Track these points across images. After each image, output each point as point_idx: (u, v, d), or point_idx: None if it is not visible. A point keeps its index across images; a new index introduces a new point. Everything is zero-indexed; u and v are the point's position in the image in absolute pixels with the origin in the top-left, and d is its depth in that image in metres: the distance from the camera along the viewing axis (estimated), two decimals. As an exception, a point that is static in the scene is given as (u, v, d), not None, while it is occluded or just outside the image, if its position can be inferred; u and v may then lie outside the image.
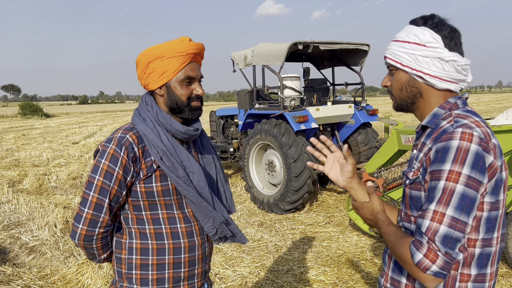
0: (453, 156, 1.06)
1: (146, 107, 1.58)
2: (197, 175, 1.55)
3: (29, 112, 34.86)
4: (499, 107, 27.64)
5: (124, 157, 1.47)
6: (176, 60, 1.51)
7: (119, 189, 1.49)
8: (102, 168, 1.47)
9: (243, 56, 6.61)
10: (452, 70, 1.20)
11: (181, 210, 1.60)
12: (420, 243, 1.08)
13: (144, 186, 1.52)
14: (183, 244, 1.59)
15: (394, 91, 1.30)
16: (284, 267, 4.21)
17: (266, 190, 6.43)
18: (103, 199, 1.48)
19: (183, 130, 1.56)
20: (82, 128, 21.68)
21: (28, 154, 12.25)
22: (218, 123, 8.38)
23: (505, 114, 4.43)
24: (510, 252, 3.71)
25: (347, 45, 6.39)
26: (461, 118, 1.15)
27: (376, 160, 4.76)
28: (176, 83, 1.54)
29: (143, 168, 1.51)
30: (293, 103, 6.08)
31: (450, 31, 1.21)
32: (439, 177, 1.08)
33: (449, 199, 1.06)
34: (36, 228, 5.55)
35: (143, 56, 1.56)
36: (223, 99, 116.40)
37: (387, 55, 1.28)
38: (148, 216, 1.56)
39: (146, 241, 1.56)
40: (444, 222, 1.05)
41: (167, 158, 1.50)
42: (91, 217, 1.48)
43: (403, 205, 1.31)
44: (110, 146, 1.48)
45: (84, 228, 1.49)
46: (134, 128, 1.54)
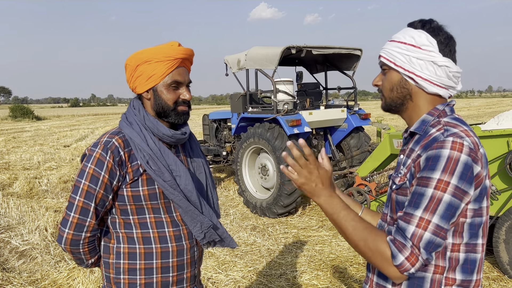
0: (443, 165, 1.08)
1: (133, 111, 1.59)
2: (184, 178, 1.55)
3: (19, 115, 34.54)
4: (489, 112, 27.94)
5: (110, 161, 1.47)
6: (163, 64, 1.52)
7: (105, 193, 1.49)
8: (88, 172, 1.47)
9: (236, 60, 6.61)
10: (443, 75, 1.21)
11: (169, 214, 1.59)
12: (403, 245, 1.09)
13: (130, 190, 1.52)
14: (171, 248, 1.58)
15: (385, 91, 1.30)
16: (277, 271, 4.21)
17: (259, 194, 6.43)
18: (89, 203, 1.48)
19: (170, 134, 1.56)
20: (73, 131, 21.52)
21: (19, 157, 12.13)
22: (211, 126, 8.37)
23: (496, 119, 4.48)
24: (502, 256, 3.74)
25: (340, 49, 6.43)
26: (450, 126, 1.16)
27: (369, 164, 4.79)
28: (163, 87, 1.55)
29: (129, 172, 1.51)
30: (286, 107, 6.09)
31: (446, 37, 1.22)
32: (427, 184, 1.09)
33: (436, 207, 1.08)
34: (26, 232, 5.49)
35: (132, 60, 1.56)
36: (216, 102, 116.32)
37: (382, 54, 1.29)
38: (136, 220, 1.56)
39: (134, 246, 1.56)
40: (429, 230, 1.08)
41: (153, 162, 1.50)
42: (77, 221, 1.48)
43: (388, 209, 1.31)
44: (96, 150, 1.48)
45: (70, 233, 1.49)
46: (120, 132, 1.55)
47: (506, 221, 3.66)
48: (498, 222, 3.72)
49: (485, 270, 4.00)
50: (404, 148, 1.31)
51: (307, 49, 6.05)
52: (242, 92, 6.71)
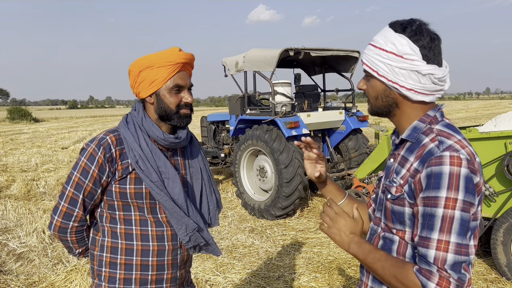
0: (447, 183, 1.07)
1: (134, 112, 1.66)
2: (172, 181, 1.60)
3: (17, 117, 34.48)
4: (487, 114, 28.01)
5: (100, 156, 1.54)
6: (165, 69, 1.58)
7: (93, 187, 1.56)
8: (80, 165, 1.56)
9: (235, 62, 6.62)
10: (428, 83, 1.18)
11: (153, 215, 1.64)
12: (429, 272, 1.07)
13: (118, 187, 1.58)
14: (151, 247, 1.63)
15: (370, 98, 1.29)
16: (275, 274, 4.20)
17: (257, 196, 6.42)
18: (77, 195, 1.56)
19: (162, 137, 1.62)
20: (71, 133, 21.49)
21: (16, 159, 12.10)
22: (209, 128, 8.37)
23: (493, 121, 4.49)
24: (499, 258, 3.74)
25: (338, 51, 6.44)
26: (444, 137, 1.15)
27: (367, 166, 4.79)
28: (165, 92, 1.60)
29: (119, 169, 1.57)
30: (284, 109, 6.10)
31: (429, 40, 1.17)
32: (436, 204, 1.08)
33: (450, 226, 1.07)
34: (24, 235, 5.47)
35: (134, 66, 1.62)
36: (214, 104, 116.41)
37: (365, 61, 1.26)
38: (121, 216, 1.62)
39: (116, 240, 1.62)
40: (450, 250, 1.06)
41: (143, 162, 1.56)
42: (66, 210, 1.58)
43: (381, 214, 1.31)
44: (91, 146, 1.56)
45: (59, 220, 1.58)
46: (116, 131, 1.62)
47: (504, 223, 3.67)
48: (496, 224, 3.73)
49: (483, 272, 4.01)
50: (395, 153, 1.30)
51: (305, 51, 6.06)
52: (240, 94, 6.72)
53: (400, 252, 1.23)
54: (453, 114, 29.50)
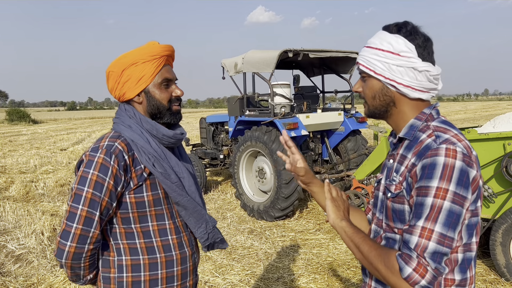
0: (440, 173, 1.08)
1: (128, 114, 1.52)
2: (187, 180, 1.54)
3: (16, 118, 34.43)
4: (485, 115, 28.05)
5: (114, 166, 1.40)
6: (151, 64, 1.49)
7: (109, 201, 1.41)
8: (91, 179, 1.39)
9: (234, 63, 6.62)
10: (424, 80, 1.20)
11: (172, 220, 1.55)
12: (409, 257, 1.08)
13: (134, 197, 1.45)
14: (175, 256, 1.54)
15: (367, 99, 1.30)
16: (274, 275, 4.20)
17: (256, 197, 6.42)
18: (93, 212, 1.39)
19: (171, 134, 1.53)
20: (70, 135, 21.47)
21: (15, 160, 12.08)
22: (208, 129, 8.37)
23: (492, 122, 4.50)
24: (498, 259, 3.75)
25: (337, 53, 6.45)
26: (441, 132, 1.16)
27: (366, 167, 4.79)
28: (155, 88, 1.51)
29: (134, 177, 1.45)
30: (283, 110, 6.10)
31: (423, 40, 1.21)
32: (427, 193, 1.09)
33: (437, 215, 1.07)
34: (22, 236, 5.47)
35: (115, 66, 1.51)
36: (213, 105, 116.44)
37: (360, 62, 1.27)
38: (138, 229, 1.49)
39: (137, 257, 1.49)
40: (432, 239, 1.07)
41: (159, 164, 1.46)
42: (81, 233, 1.39)
43: (382, 215, 1.31)
44: (98, 155, 1.40)
45: (73, 245, 1.39)
46: (121, 136, 1.48)
47: (503, 223, 3.67)
48: (495, 225, 3.73)
49: (482, 273, 4.01)
50: (393, 153, 1.31)
51: (304, 52, 6.07)
52: (239, 96, 6.72)
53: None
54: (452, 115, 29.54)
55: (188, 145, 8.74)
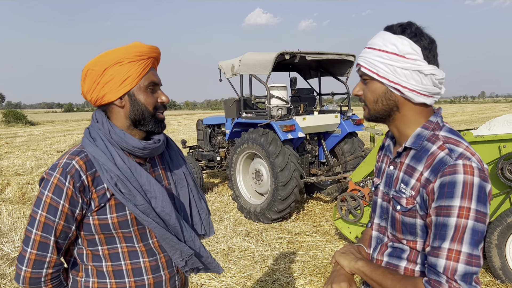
0: (461, 192, 1.04)
1: (97, 125, 1.39)
2: (161, 200, 1.37)
3: (12, 120, 34.30)
4: (482, 117, 28.15)
5: (69, 187, 1.28)
6: (137, 64, 1.35)
7: (66, 224, 1.31)
8: (45, 201, 1.28)
9: (230, 65, 6.63)
10: (429, 84, 1.15)
11: (144, 242, 1.42)
12: (438, 283, 1.05)
13: (97, 218, 1.34)
14: (147, 281, 1.41)
15: (368, 102, 1.24)
16: (270, 277, 4.20)
17: (253, 199, 6.42)
18: (48, 237, 1.29)
19: (141, 146, 1.38)
20: (67, 136, 21.41)
21: (11, 162, 12.04)
22: (205, 131, 8.37)
23: (487, 125, 4.52)
24: (494, 261, 3.76)
25: (333, 55, 6.47)
26: (453, 144, 1.13)
27: (362, 169, 4.80)
28: (140, 91, 1.37)
29: (95, 198, 1.32)
30: (280, 112, 6.11)
31: (429, 41, 1.16)
32: (449, 213, 1.05)
33: (462, 236, 1.04)
34: (18, 239, 5.44)
35: (96, 64, 1.36)
36: (210, 107, 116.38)
37: (362, 63, 1.20)
38: (105, 251, 1.38)
39: (104, 280, 1.38)
40: (461, 260, 1.04)
41: (123, 184, 1.31)
42: (36, 258, 1.30)
43: (385, 222, 1.29)
44: (54, 175, 1.29)
45: (29, 270, 1.30)
46: (82, 152, 1.35)
47: (498, 226, 3.68)
48: (490, 227, 3.74)
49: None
50: (396, 161, 1.26)
51: (300, 55, 6.08)
52: (236, 98, 6.73)
53: (411, 259, 1.20)
54: (449, 118, 29.63)
55: (185, 147, 8.73)
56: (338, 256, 1.33)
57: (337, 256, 1.34)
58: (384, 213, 1.29)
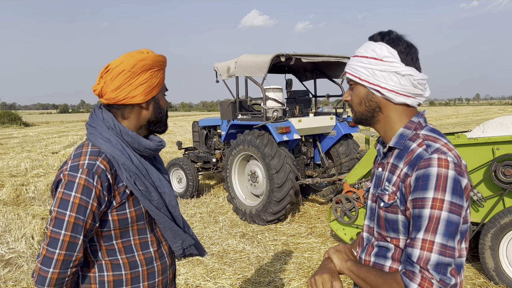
0: (435, 184, 1.08)
1: (107, 124, 1.43)
2: (169, 194, 1.50)
3: (7, 121, 34.13)
4: (476, 119, 28.31)
5: (98, 187, 1.33)
6: (162, 72, 1.49)
7: (93, 222, 1.37)
8: (73, 202, 1.32)
9: (226, 67, 6.64)
10: (408, 84, 1.22)
11: (153, 232, 1.55)
12: (412, 273, 1.08)
13: (117, 214, 1.41)
14: (156, 267, 1.54)
15: (354, 105, 1.32)
16: (265, 279, 4.20)
17: (249, 201, 6.43)
18: (77, 237, 1.33)
19: (153, 147, 1.49)
20: (62, 138, 21.32)
21: (6, 164, 11.98)
22: (201, 133, 8.37)
23: (481, 127, 4.55)
24: (487, 262, 3.78)
25: (329, 57, 6.49)
26: (431, 140, 1.18)
27: (357, 171, 4.82)
28: (161, 96, 1.53)
29: (116, 195, 1.39)
30: (275, 114, 6.12)
31: (406, 46, 1.24)
32: (423, 205, 1.10)
33: (436, 226, 1.07)
34: (12, 240, 5.42)
35: (129, 64, 1.39)
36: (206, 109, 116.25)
37: (347, 70, 1.30)
38: (120, 245, 1.46)
39: (120, 272, 1.46)
40: (434, 250, 1.07)
41: (140, 182, 1.41)
42: (64, 258, 1.33)
43: (374, 223, 1.32)
44: (79, 176, 1.32)
45: (56, 272, 1.33)
46: (101, 152, 1.39)
47: (492, 228, 3.71)
48: (484, 229, 3.77)
49: (471, 277, 4.04)
50: (383, 162, 1.31)
51: (296, 57, 6.10)
52: (232, 99, 6.74)
53: (395, 258, 1.23)
54: (444, 120, 29.78)
55: (181, 148, 8.72)
56: (332, 253, 1.38)
57: (331, 252, 1.38)
58: (373, 214, 1.33)
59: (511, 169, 3.59)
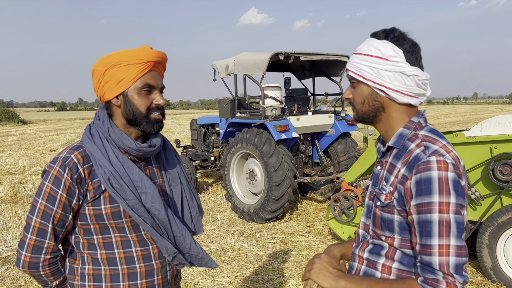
0: (438, 188, 1.08)
1: (98, 122, 1.49)
2: (151, 196, 1.45)
3: (4, 119, 34.02)
4: (474, 118, 28.37)
5: (67, 178, 1.39)
6: (134, 67, 1.43)
7: (63, 213, 1.41)
8: (45, 191, 1.40)
9: (225, 65, 6.63)
10: (413, 85, 1.21)
11: (136, 233, 1.50)
12: (436, 281, 1.08)
13: (92, 209, 1.43)
14: (139, 269, 1.50)
15: (356, 104, 1.30)
16: (264, 277, 4.21)
17: (247, 199, 6.43)
18: (46, 224, 1.40)
19: (135, 147, 1.47)
20: (60, 135, 21.28)
21: (3, 161, 11.95)
22: (199, 131, 8.36)
23: (479, 126, 4.56)
24: (485, 261, 3.80)
25: (327, 56, 6.49)
26: (429, 142, 1.17)
27: (355, 169, 4.82)
28: (134, 92, 1.45)
29: (90, 189, 1.42)
30: (274, 112, 6.12)
31: (411, 45, 1.22)
32: (430, 209, 1.09)
33: (448, 230, 1.08)
34: (10, 238, 5.41)
35: (99, 64, 1.46)
36: (204, 107, 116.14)
37: (349, 68, 1.28)
38: (100, 241, 1.47)
39: (99, 267, 1.48)
40: (451, 253, 1.07)
41: (115, 179, 1.40)
42: (35, 243, 1.41)
43: (370, 221, 1.32)
44: (54, 167, 1.40)
45: (28, 255, 1.41)
46: (81, 147, 1.45)
47: (490, 226, 3.72)
48: (482, 227, 3.78)
49: (469, 275, 4.05)
50: (382, 161, 1.31)
51: (295, 55, 6.10)
52: (231, 98, 6.73)
53: (389, 256, 1.24)
54: (442, 119, 29.83)
55: (179, 146, 8.72)
56: (315, 276, 1.29)
57: (314, 276, 1.29)
58: (370, 211, 1.33)
59: (508, 168, 3.60)
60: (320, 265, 1.31)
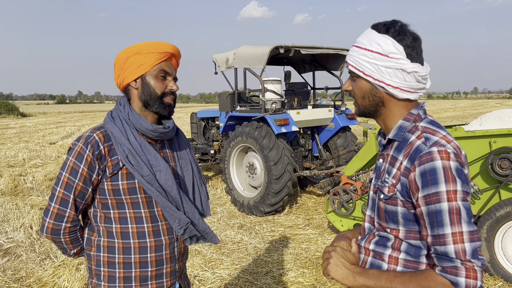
0: (443, 177, 1.09)
1: (119, 107, 1.65)
2: (164, 174, 1.60)
3: (4, 111, 33.97)
4: (474, 113, 28.36)
5: (89, 154, 1.53)
6: (153, 55, 1.60)
7: (84, 186, 1.55)
8: (68, 165, 1.55)
9: (225, 58, 6.63)
10: (413, 81, 1.21)
11: (149, 209, 1.63)
12: (455, 268, 1.09)
13: (110, 184, 1.57)
14: (149, 243, 1.63)
15: (357, 98, 1.31)
16: (263, 269, 4.24)
17: (247, 193, 6.46)
18: (68, 195, 1.54)
19: (152, 128, 1.61)
20: (59, 128, 21.27)
21: (3, 154, 11.96)
22: (199, 125, 8.36)
23: (478, 120, 4.57)
24: (483, 254, 3.82)
25: (328, 50, 6.48)
26: (429, 133, 1.18)
27: (355, 163, 4.84)
28: (151, 77, 1.61)
29: (109, 166, 1.56)
30: (274, 106, 6.13)
31: (412, 40, 1.21)
32: (439, 199, 1.10)
33: (458, 217, 1.09)
34: (11, 230, 5.43)
35: (122, 53, 1.64)
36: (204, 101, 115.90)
37: (350, 62, 1.27)
38: (116, 215, 1.61)
39: (113, 240, 1.61)
40: (465, 240, 1.09)
41: (133, 157, 1.55)
42: (57, 212, 1.56)
43: (374, 214, 1.33)
44: (78, 144, 1.55)
45: (51, 222, 1.56)
46: (102, 127, 1.61)
47: (488, 220, 3.75)
48: (480, 221, 3.81)
49: (466, 268, 4.09)
50: (383, 154, 1.32)
51: (295, 48, 6.09)
52: (231, 91, 6.73)
53: (395, 247, 1.25)
54: (441, 113, 29.82)
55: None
56: (333, 273, 1.28)
57: (332, 273, 1.29)
58: (374, 205, 1.34)
59: (507, 162, 3.62)
60: (337, 260, 1.30)
